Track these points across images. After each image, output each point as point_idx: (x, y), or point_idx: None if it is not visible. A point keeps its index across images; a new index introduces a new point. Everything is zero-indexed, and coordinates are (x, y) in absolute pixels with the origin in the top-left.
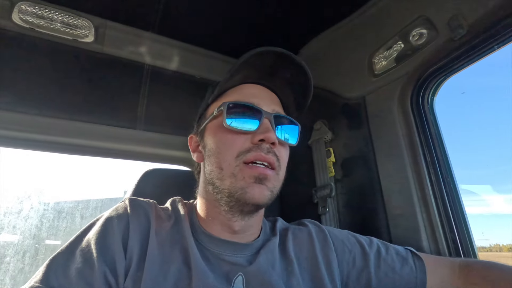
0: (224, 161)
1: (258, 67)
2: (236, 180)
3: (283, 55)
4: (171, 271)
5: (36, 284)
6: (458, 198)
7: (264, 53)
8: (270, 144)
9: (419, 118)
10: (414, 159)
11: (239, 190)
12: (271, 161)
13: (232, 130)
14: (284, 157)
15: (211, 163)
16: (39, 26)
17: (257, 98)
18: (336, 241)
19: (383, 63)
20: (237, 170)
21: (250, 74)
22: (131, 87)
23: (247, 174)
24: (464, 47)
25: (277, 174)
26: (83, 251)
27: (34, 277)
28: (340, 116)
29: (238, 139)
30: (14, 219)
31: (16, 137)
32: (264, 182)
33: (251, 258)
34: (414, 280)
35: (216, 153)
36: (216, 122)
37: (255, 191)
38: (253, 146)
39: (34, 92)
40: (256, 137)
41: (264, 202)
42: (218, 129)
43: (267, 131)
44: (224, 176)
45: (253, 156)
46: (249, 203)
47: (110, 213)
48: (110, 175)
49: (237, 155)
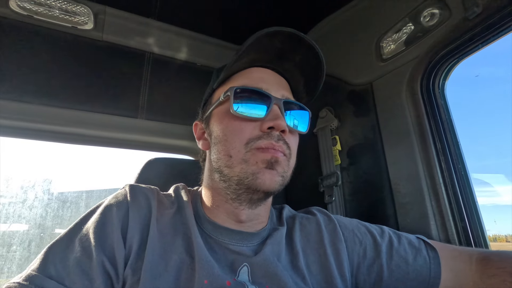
0: (232, 148)
1: (267, 50)
2: (248, 165)
3: (294, 36)
4: (172, 260)
5: (33, 273)
6: (469, 187)
7: (273, 34)
8: (280, 132)
9: (429, 103)
10: (424, 146)
11: (250, 176)
12: (281, 149)
13: (239, 117)
14: (294, 145)
15: (218, 151)
16: (37, 13)
17: (265, 83)
18: (345, 231)
19: (391, 47)
20: (248, 155)
21: (258, 57)
22: (132, 76)
23: (260, 158)
24: (479, 27)
25: (287, 160)
26: (81, 240)
27: (31, 265)
28: (346, 103)
29: (246, 126)
30: (19, 209)
31: (16, 126)
32: (275, 166)
33: (257, 248)
34: (428, 272)
35: (224, 140)
36: (223, 108)
37: (265, 177)
38: (263, 134)
39: (33, 81)
40: (266, 124)
41: (275, 189)
42: (225, 116)
43: (277, 118)
44: (233, 163)
45: (264, 144)
46: (259, 190)
47: (109, 201)
48: (114, 164)
49: (247, 142)
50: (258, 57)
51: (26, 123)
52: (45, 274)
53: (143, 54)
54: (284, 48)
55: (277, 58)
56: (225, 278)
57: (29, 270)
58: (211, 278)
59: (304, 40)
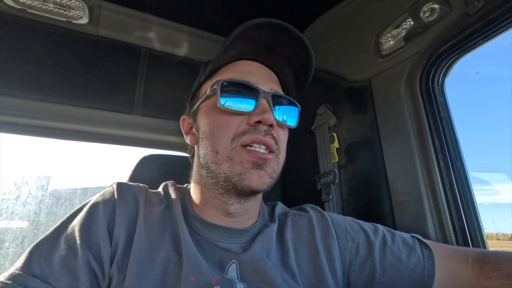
0: (219, 144)
1: (255, 42)
2: (233, 164)
3: (282, 28)
4: (159, 257)
5: (17, 272)
6: (467, 185)
7: (260, 25)
8: (268, 126)
9: (428, 100)
10: (422, 144)
11: (236, 176)
12: (269, 143)
13: (226, 111)
14: (283, 140)
15: (205, 146)
16: (31, 7)
17: (253, 76)
18: (338, 228)
19: (390, 43)
20: (233, 153)
21: (246, 50)
22: (128, 71)
23: (245, 159)
24: (480, 22)
25: (276, 158)
26: (67, 238)
27: (15, 264)
28: (344, 100)
29: (233, 120)
30: (12, 205)
31: (9, 122)
32: (263, 167)
33: (246, 245)
34: (422, 271)
35: (210, 135)
36: (210, 102)
37: (253, 178)
38: (249, 128)
39: (27, 76)
40: (253, 119)
41: (263, 189)
42: (212, 110)
43: (265, 112)
44: (219, 160)
45: (250, 138)
46: (246, 190)
47: (96, 199)
48: (109, 161)
49: (233, 137)
50: (246, 49)
51: (20, 119)
52: (29, 272)
53: (139, 50)
54: (272, 41)
55: (266, 51)
56: (212, 275)
57: (13, 269)
58: (198, 275)
59: (292, 32)
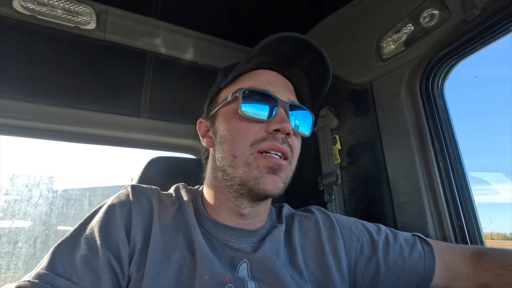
0: (237, 149)
1: (277, 53)
2: (250, 169)
3: (303, 41)
4: (174, 256)
5: (42, 271)
6: (466, 186)
7: (284, 39)
8: (285, 134)
9: (428, 103)
10: (422, 146)
11: (252, 180)
12: (285, 151)
13: (246, 118)
14: (297, 148)
15: (223, 150)
16: (40, 13)
17: (272, 86)
18: (343, 228)
19: (391, 47)
20: (251, 158)
21: (267, 60)
22: (134, 75)
23: (262, 164)
24: (478, 29)
25: (289, 164)
26: (87, 238)
27: (40, 264)
28: (346, 102)
29: (252, 127)
30: (25, 206)
31: (18, 126)
32: (278, 172)
33: (256, 245)
34: (423, 266)
35: (229, 140)
36: (230, 108)
37: (268, 182)
38: (268, 136)
39: (37, 80)
40: (272, 127)
41: (277, 194)
42: (232, 116)
43: (283, 121)
44: (237, 164)
45: (268, 145)
46: (261, 194)
47: (112, 201)
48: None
49: (252, 143)
50: (267, 59)
51: (30, 122)
52: (53, 271)
53: (145, 53)
54: (293, 53)
55: (286, 62)
56: (225, 274)
57: (38, 269)
58: (212, 274)
59: (312, 45)
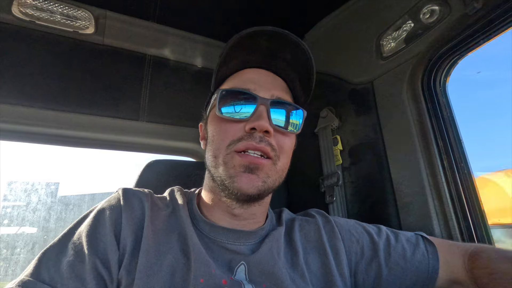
0: (217, 149)
1: (254, 50)
2: (227, 168)
3: (278, 35)
4: (167, 260)
5: (26, 278)
6: (472, 185)
7: (255, 35)
8: (263, 133)
9: (431, 101)
10: (426, 145)
11: (228, 179)
12: (264, 150)
13: (225, 119)
14: (284, 146)
15: (208, 151)
16: (39, 18)
17: (254, 84)
18: (342, 231)
19: (391, 45)
20: (228, 158)
21: (250, 59)
22: (133, 78)
23: (238, 163)
24: (480, 23)
25: (273, 164)
26: (74, 244)
27: (25, 271)
28: (347, 102)
29: (231, 127)
30: (23, 212)
31: (17, 131)
32: (255, 171)
33: (254, 247)
34: (426, 267)
35: (211, 141)
36: (214, 110)
37: (242, 181)
38: (245, 135)
39: (36, 85)
40: (248, 126)
41: (253, 193)
42: (214, 118)
43: (259, 119)
44: (217, 164)
45: (244, 145)
46: (237, 193)
47: (102, 205)
48: (116, 167)
49: (229, 143)
50: (249, 58)
51: (30, 127)
52: (38, 278)
53: (144, 57)
54: (272, 47)
55: (269, 58)
56: (221, 277)
57: (23, 275)
58: (207, 277)
59: (289, 37)
